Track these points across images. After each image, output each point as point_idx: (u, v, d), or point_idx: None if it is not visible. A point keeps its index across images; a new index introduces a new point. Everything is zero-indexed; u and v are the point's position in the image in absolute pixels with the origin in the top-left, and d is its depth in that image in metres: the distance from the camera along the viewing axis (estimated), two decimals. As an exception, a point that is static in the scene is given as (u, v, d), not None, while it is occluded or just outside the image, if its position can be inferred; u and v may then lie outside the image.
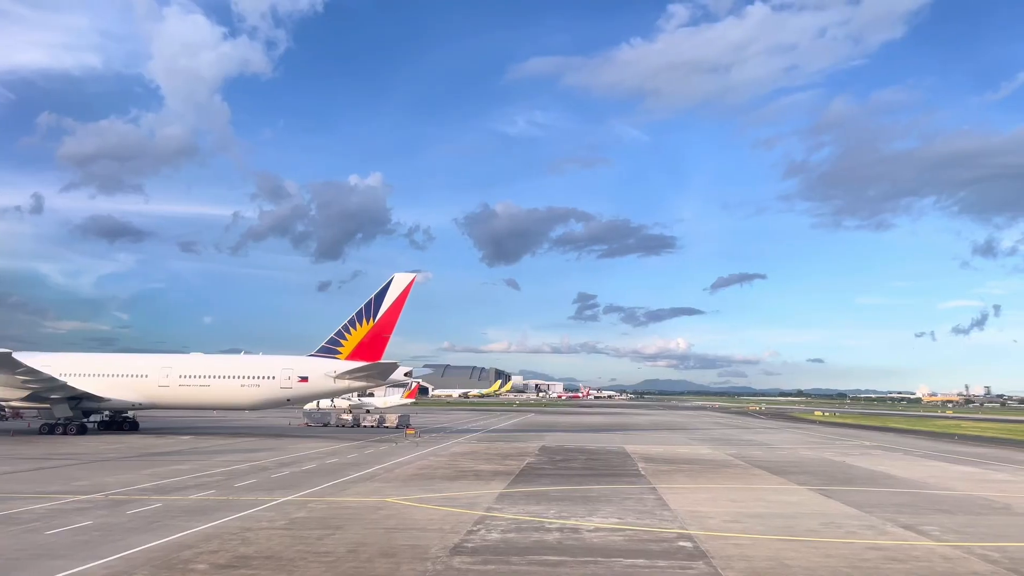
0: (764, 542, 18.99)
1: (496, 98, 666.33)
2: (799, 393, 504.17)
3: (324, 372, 59.06)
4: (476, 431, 69.52)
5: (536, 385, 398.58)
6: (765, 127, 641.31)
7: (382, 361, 58.47)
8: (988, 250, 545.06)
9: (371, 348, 60.47)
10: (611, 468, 37.32)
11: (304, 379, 58.99)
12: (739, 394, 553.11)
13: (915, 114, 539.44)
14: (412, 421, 69.33)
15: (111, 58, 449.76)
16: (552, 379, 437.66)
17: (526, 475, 33.33)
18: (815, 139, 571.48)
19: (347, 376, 58.76)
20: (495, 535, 19.19)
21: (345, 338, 60.63)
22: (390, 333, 61.44)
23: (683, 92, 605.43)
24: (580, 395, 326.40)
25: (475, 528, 20.07)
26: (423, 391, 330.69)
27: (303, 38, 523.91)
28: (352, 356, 60.12)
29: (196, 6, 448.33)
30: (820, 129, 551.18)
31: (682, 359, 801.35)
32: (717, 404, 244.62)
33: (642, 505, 24.74)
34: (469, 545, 17.92)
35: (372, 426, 71.33)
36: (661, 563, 16.43)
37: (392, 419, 71.82)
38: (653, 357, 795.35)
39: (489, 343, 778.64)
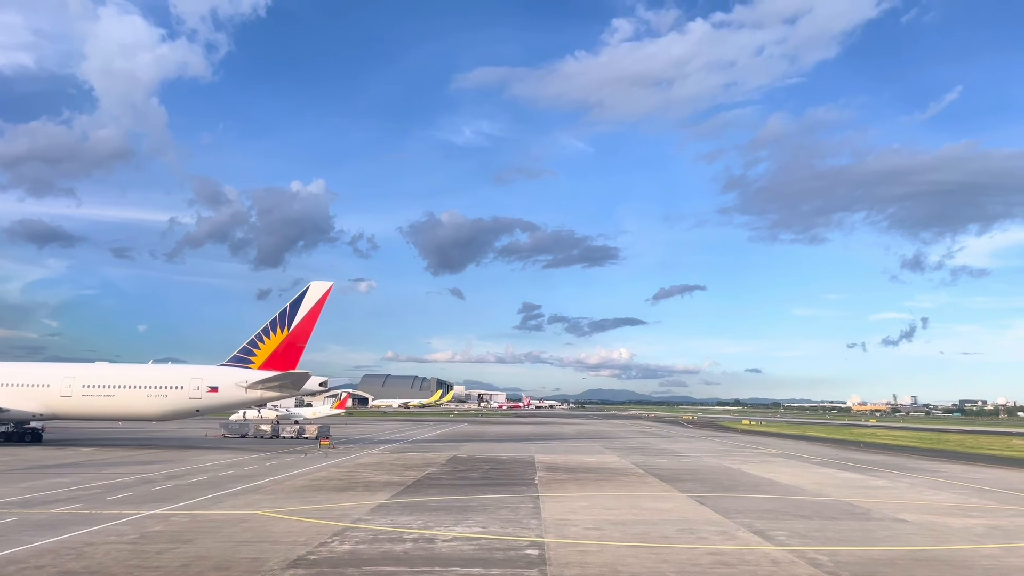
0: (610, 549, 19.37)
1: (442, 107, 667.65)
2: (736, 402, 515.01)
3: (235, 382, 58.01)
4: (397, 441, 69.08)
5: (479, 395, 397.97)
6: (705, 142, 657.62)
7: (294, 371, 57.75)
8: (916, 264, 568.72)
9: (285, 357, 59.67)
10: (509, 477, 37.52)
11: (214, 389, 57.83)
12: (679, 403, 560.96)
13: (848, 132, 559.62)
14: (341, 432, 68.62)
15: (44, 58, 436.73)
16: (496, 389, 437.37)
17: (419, 486, 33.27)
18: (753, 154, 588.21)
19: (259, 386, 57.82)
20: (345, 547, 19.13)
21: (259, 347, 59.69)
22: (305, 342, 60.71)
23: (627, 105, 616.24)
24: (521, 405, 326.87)
25: (329, 540, 19.96)
26: (363, 401, 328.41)
27: (245, 42, 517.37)
28: (266, 366, 59.20)
29: (133, 7, 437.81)
30: (758, 145, 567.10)
31: (625, 369, 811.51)
32: (654, 414, 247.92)
33: (514, 514, 24.96)
34: (312, 557, 17.82)
35: (292, 437, 70.26)
36: (496, 571, 16.62)
37: (312, 430, 70.76)
38: (596, 367, 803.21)
39: (434, 353, 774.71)
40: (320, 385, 64.34)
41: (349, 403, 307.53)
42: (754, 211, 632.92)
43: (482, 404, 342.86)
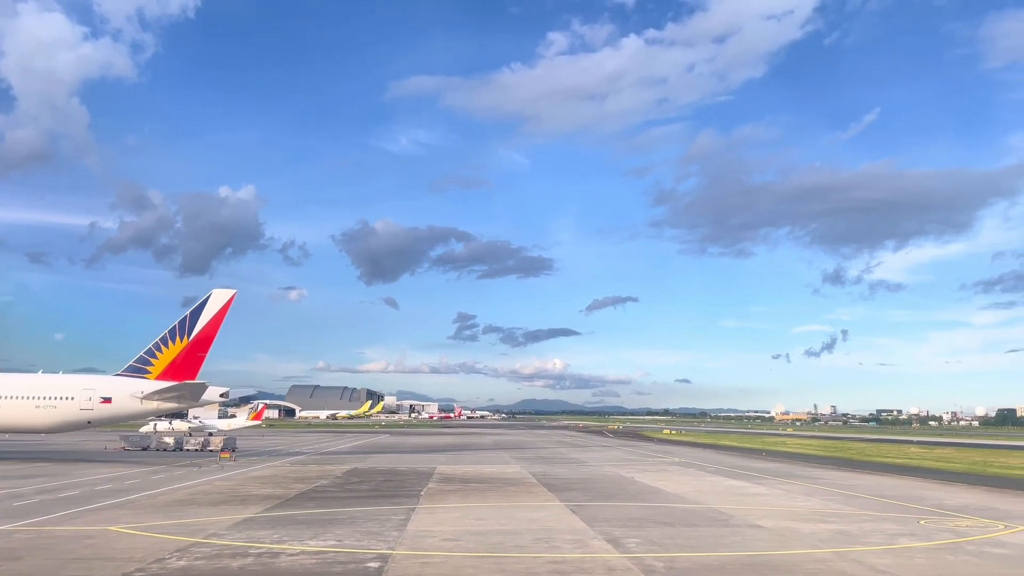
0: (455, 559, 19.43)
1: (378, 114, 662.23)
2: (666, 412, 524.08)
3: (130, 392, 56.11)
4: (306, 453, 67.92)
5: (411, 406, 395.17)
6: (638, 156, 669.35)
7: (192, 381, 56.20)
8: (836, 278, 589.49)
9: (185, 367, 58.03)
10: (398, 489, 37.26)
11: (107, 400, 55.80)
12: (611, 413, 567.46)
13: (773, 149, 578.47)
14: (253, 444, 66.88)
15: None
16: (429, 399, 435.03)
17: (300, 499, 32.71)
18: (683, 169, 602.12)
19: (155, 397, 56.04)
20: (180, 563, 18.64)
21: (156, 356, 57.90)
22: (206, 351, 59.15)
23: (561, 118, 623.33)
24: (452, 416, 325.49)
25: (168, 557, 19.42)
26: (290, 412, 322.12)
27: (173, 43, 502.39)
28: (164, 375, 57.46)
29: (55, 4, 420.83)
30: (688, 160, 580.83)
31: (558, 379, 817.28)
32: (582, 424, 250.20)
33: (380, 527, 24.77)
34: (140, 575, 17.33)
35: (196, 450, 68.32)
36: (325, 585, 16.47)
37: (217, 442, 68.82)
38: (531, 377, 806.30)
39: (366, 363, 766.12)
40: (220, 396, 62.78)
41: (273, 414, 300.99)
42: (684, 225, 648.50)
43: (413, 415, 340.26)
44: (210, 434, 79.24)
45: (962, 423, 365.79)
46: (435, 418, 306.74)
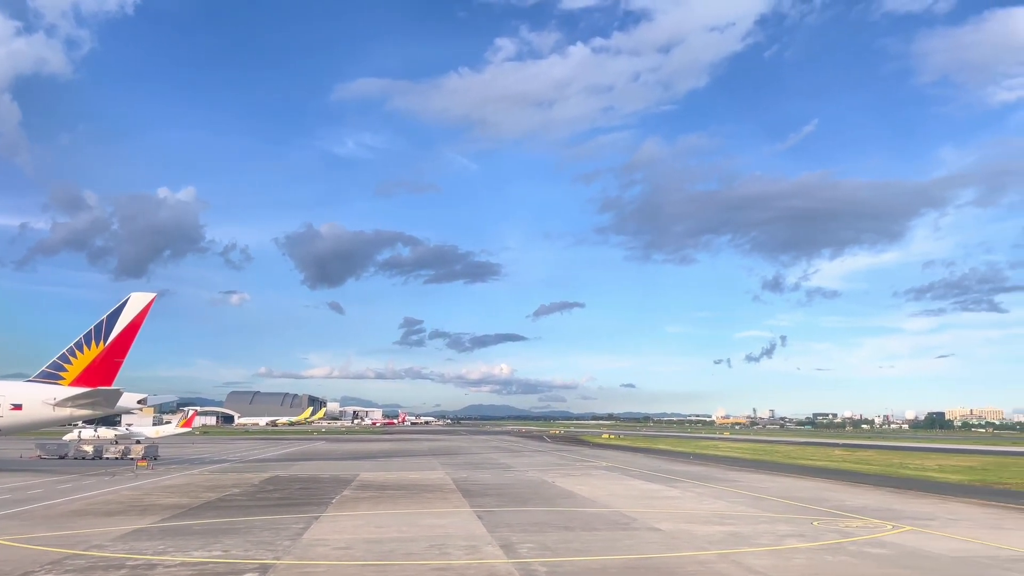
0: (340, 568, 19.22)
1: (323, 117, 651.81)
2: (610, 417, 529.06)
3: (42, 399, 53.99)
4: (231, 461, 66.48)
5: (354, 412, 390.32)
6: (584, 163, 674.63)
7: (106, 387, 54.40)
8: (775, 285, 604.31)
9: (101, 373, 56.10)
10: (311, 497, 36.67)
11: (17, 407, 53.63)
12: (557, 418, 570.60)
13: (716, 158, 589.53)
14: (180, 451, 65.15)
15: None
16: (375, 406, 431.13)
17: (204, 508, 31.93)
18: (628, 177, 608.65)
19: (69, 403, 54.02)
20: None
21: (70, 362, 55.86)
22: (123, 357, 57.34)
23: (509, 124, 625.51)
24: (396, 422, 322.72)
25: (39, 570, 18.73)
26: (228, 419, 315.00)
27: (111, 40, 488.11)
28: (78, 381, 55.44)
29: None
30: (633, 168, 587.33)
31: (505, 384, 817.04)
32: (524, 428, 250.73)
33: (275, 536, 24.32)
34: (-1, 588, 16.70)
35: (117, 458, 66.31)
36: (192, 596, 16.09)
37: (138, 450, 66.80)
38: (477, 383, 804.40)
39: (310, 368, 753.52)
40: (139, 403, 61.02)
41: (211, 421, 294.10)
42: (629, 231, 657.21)
43: (356, 421, 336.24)
44: (137, 441, 77.02)
45: (893, 426, 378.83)
46: (378, 424, 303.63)
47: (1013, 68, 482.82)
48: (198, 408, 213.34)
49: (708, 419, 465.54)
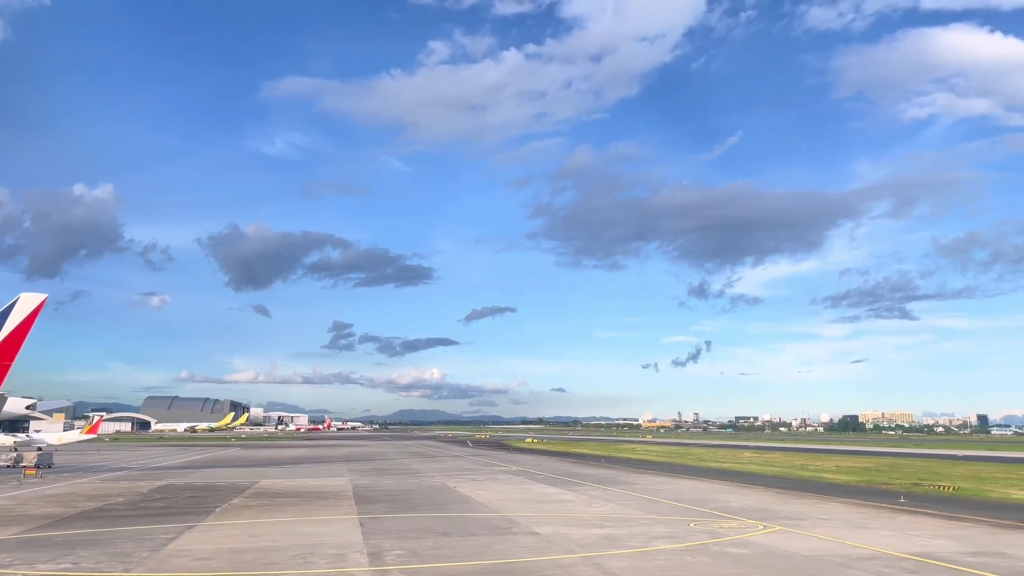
0: (189, 580, 18.64)
1: (251, 115, 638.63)
2: (540, 421, 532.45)
3: (-83, 406, 50.95)
4: (131, 469, 63.96)
5: (279, 417, 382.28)
6: (517, 168, 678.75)
7: (-11, 393, 51.66)
8: (701, 292, 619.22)
9: (-15, 378, 53.28)
10: (196, 506, 35.54)
11: None
12: (488, 423, 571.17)
13: (645, 167, 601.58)
14: (82, 459, 62.26)
15: None
16: (302, 411, 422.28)
17: (74, 519, 30.55)
18: (560, 183, 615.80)
19: (-54, 411, 51.15)
20: None
21: (-49, 367, 52.83)
22: (11, 361, 54.38)
23: (442, 127, 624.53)
24: (322, 427, 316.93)
25: None
26: (145, 425, 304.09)
27: (25, 30, 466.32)
28: (-41, 387, 52.51)
29: None
30: (564, 174, 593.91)
31: (436, 389, 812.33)
32: (451, 434, 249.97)
33: (136, 547, 23.41)
34: None
35: (8, 466, 63.12)
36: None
37: (31, 457, 63.70)
38: (408, 387, 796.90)
39: (234, 373, 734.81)
40: (27, 408, 58.23)
41: (126, 427, 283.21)
42: (560, 237, 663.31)
43: (280, 427, 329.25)
44: (39, 448, 73.50)
45: (809, 429, 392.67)
46: (303, 430, 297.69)
47: (924, 86, 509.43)
48: (103, 414, 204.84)
49: (635, 423, 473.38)
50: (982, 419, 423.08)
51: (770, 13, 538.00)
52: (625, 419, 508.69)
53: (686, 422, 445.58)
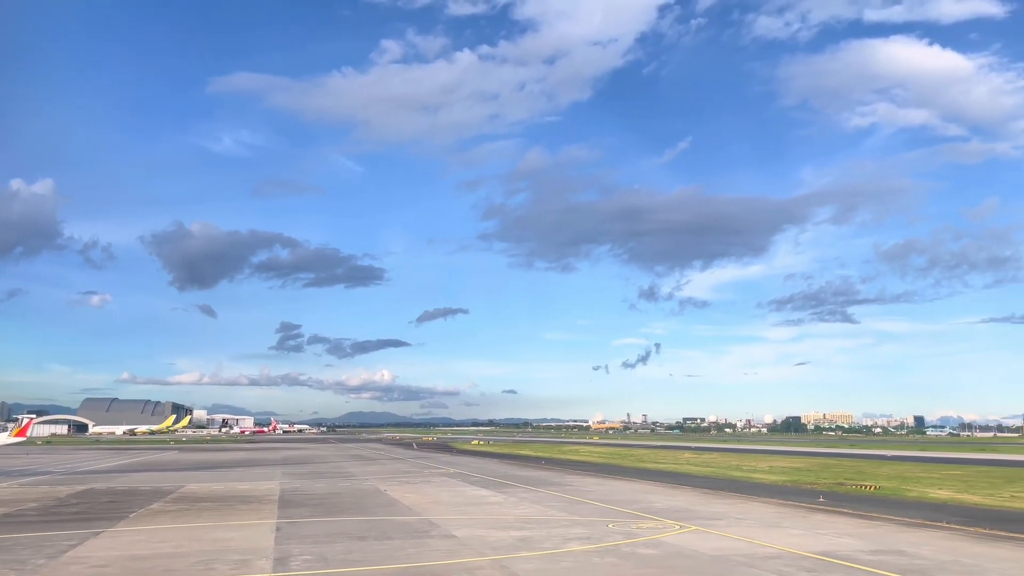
0: (77, 589, 18.01)
1: (198, 110, 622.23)
2: (491, 423, 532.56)
3: None
4: (54, 473, 61.78)
5: (223, 420, 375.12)
6: (470, 169, 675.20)
7: None
8: (651, 295, 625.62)
9: None
10: (109, 511, 34.43)
11: None
12: (438, 425, 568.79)
13: (596, 170, 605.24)
14: (7, 463, 59.82)
15: None
16: (248, 413, 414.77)
17: (-23, 526, 29.37)
18: (512, 185, 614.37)
19: None
20: None
21: None
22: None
23: (394, 126, 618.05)
24: (267, 430, 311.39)
25: None
26: (82, 428, 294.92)
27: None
28: None
29: None
30: (517, 176, 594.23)
31: (386, 391, 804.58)
32: (398, 436, 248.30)
33: (34, 554, 22.55)
34: None
35: (-76, 472, 60.54)
36: None
37: (-55, 463, 61.27)
38: (358, 389, 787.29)
39: (178, 374, 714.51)
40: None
41: (63, 429, 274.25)
42: (512, 239, 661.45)
43: (224, 430, 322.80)
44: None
45: (753, 430, 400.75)
46: (247, 433, 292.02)
47: (866, 96, 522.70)
48: (34, 416, 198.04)
49: (585, 424, 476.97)
50: (919, 420, 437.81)
51: (719, 21, 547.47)
52: (576, 420, 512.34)
53: (635, 423, 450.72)
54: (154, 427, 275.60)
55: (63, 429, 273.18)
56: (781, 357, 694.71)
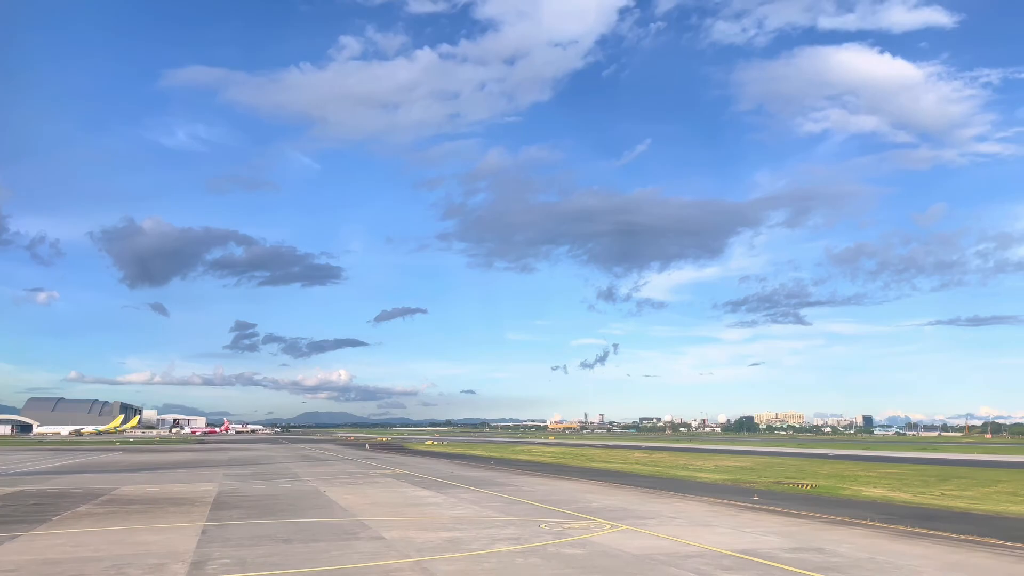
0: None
1: (151, 104, 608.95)
2: (448, 423, 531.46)
3: None
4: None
5: (174, 420, 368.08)
6: (429, 168, 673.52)
7: None
8: (609, 296, 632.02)
9: None
10: (32, 514, 33.26)
11: None
12: (396, 425, 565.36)
13: (556, 171, 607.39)
14: None
15: None
16: (201, 413, 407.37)
17: None
18: (472, 185, 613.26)
19: None
20: None
21: None
22: None
23: (352, 124, 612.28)
24: (219, 430, 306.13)
25: None
26: (26, 428, 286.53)
27: None
28: None
29: None
30: (477, 176, 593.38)
31: (343, 391, 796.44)
32: (352, 436, 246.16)
33: (-61, 560, 21.82)
34: None
35: None
36: None
37: None
38: (314, 389, 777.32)
39: (128, 374, 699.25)
40: None
41: (6, 430, 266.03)
42: (472, 239, 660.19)
43: (175, 430, 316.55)
44: None
45: (707, 429, 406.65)
46: (198, 433, 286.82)
47: (818, 102, 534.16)
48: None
49: (543, 424, 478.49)
50: (867, 420, 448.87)
51: (678, 25, 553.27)
52: (533, 420, 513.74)
53: (592, 423, 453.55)
54: (101, 427, 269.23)
55: (6, 429, 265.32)
56: (736, 358, 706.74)
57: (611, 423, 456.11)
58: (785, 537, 26.15)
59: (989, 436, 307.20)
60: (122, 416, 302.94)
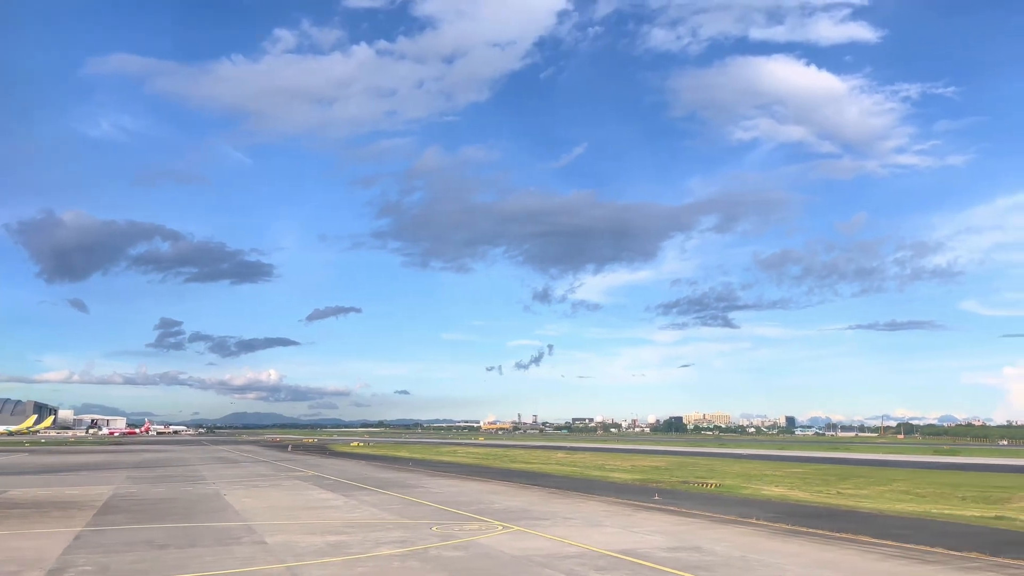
0: None
1: (73, 92, 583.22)
2: (381, 424, 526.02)
3: None
4: None
5: (92, 420, 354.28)
6: (365, 166, 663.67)
7: None
8: (545, 297, 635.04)
9: None
10: (-98, 522, 31.63)
11: None
12: (327, 426, 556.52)
13: (493, 172, 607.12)
14: None
15: None
16: (122, 413, 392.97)
17: None
18: (409, 183, 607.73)
19: None
20: None
21: None
22: None
23: (286, 118, 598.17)
24: (139, 431, 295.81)
25: None
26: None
27: None
28: None
29: None
30: (414, 174, 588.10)
31: (273, 391, 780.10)
32: (279, 438, 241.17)
33: None
34: None
35: None
36: None
37: None
38: (243, 389, 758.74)
39: (45, 372, 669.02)
40: None
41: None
42: (408, 238, 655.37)
43: (92, 431, 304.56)
44: None
45: (637, 429, 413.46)
46: (117, 434, 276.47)
47: (749, 111, 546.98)
48: None
49: (476, 424, 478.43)
50: (790, 420, 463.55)
51: (616, 30, 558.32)
52: (467, 421, 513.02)
53: (525, 424, 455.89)
54: (13, 428, 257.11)
55: None
56: (667, 359, 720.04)
57: (544, 424, 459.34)
58: (668, 536, 26.67)
59: (902, 437, 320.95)
60: (35, 416, 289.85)
